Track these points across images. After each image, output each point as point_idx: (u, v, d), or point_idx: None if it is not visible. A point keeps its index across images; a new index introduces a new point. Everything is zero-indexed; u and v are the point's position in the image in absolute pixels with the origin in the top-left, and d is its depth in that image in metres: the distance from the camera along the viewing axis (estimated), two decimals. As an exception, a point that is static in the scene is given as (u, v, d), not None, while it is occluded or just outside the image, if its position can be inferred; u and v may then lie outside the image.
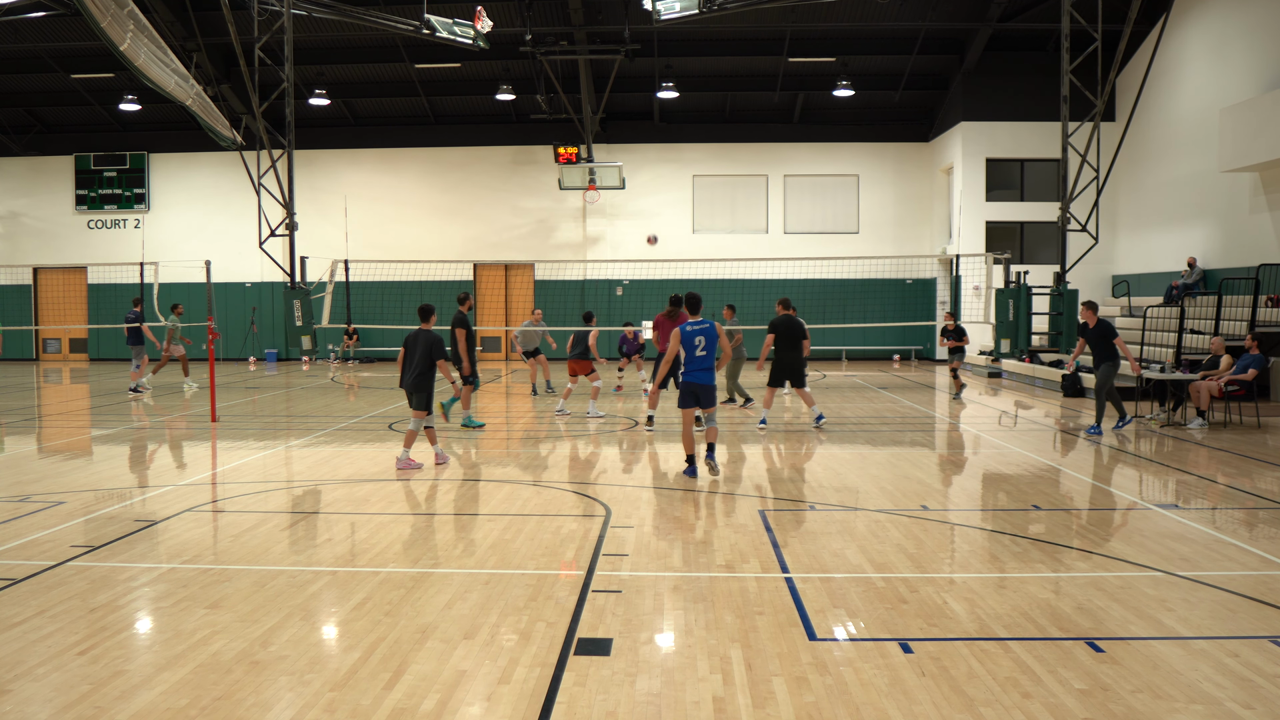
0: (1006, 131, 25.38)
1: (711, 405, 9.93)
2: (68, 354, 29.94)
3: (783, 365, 13.52)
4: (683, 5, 19.03)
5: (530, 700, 4.52)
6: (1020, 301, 18.22)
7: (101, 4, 13.70)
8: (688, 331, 9.84)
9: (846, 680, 4.72)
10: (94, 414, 16.23)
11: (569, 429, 13.95)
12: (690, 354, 9.82)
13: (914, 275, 27.61)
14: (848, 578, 6.41)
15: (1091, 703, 4.45)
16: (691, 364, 9.83)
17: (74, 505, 8.73)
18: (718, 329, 9.94)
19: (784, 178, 28.04)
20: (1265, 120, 17.50)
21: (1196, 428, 13.60)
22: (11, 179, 29.45)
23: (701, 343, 9.82)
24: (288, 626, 5.50)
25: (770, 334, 13.50)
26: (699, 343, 9.81)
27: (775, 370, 13.58)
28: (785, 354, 13.49)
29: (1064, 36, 18.09)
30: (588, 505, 8.74)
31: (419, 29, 20.27)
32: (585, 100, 25.30)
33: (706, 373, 9.86)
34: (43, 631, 5.43)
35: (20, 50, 24.92)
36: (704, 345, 9.82)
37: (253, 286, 28.61)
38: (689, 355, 9.83)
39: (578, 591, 6.14)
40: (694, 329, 9.84)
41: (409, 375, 10.52)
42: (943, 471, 10.70)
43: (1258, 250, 18.64)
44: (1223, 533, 7.65)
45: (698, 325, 9.88)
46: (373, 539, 7.53)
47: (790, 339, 13.42)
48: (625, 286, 27.78)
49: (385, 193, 28.47)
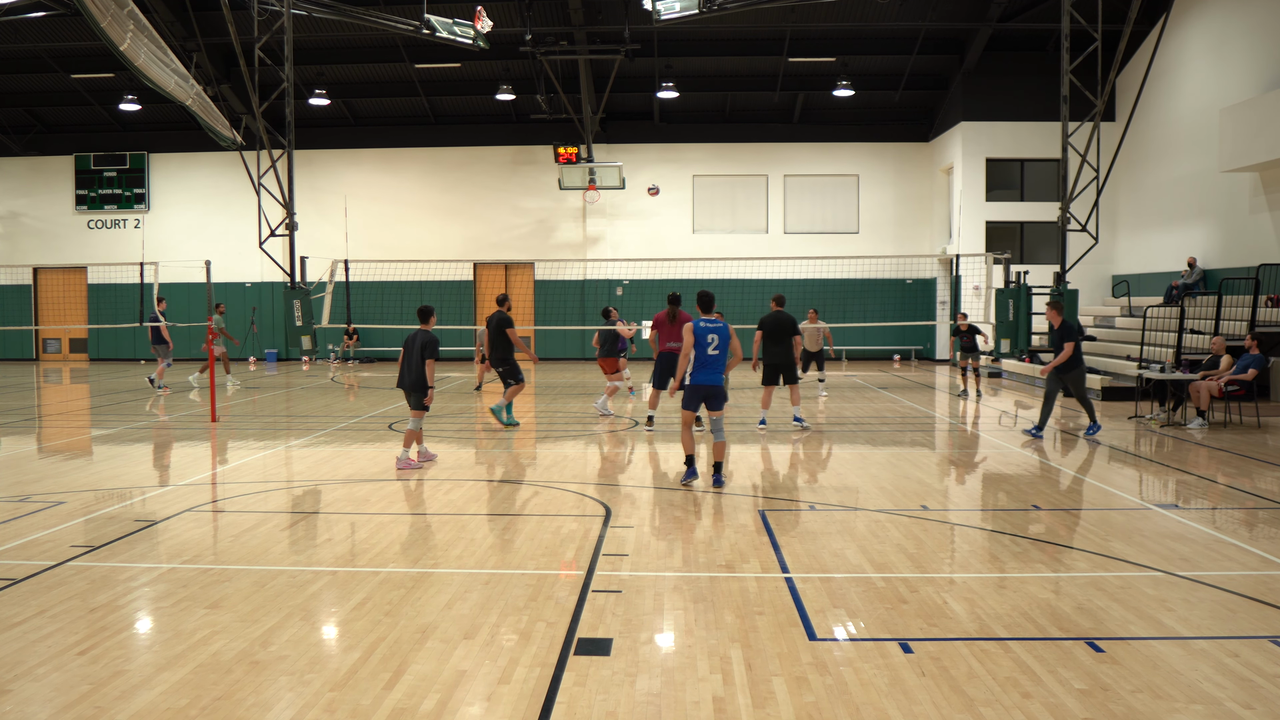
0: (1006, 131, 25.39)
1: (719, 409, 9.44)
2: (68, 354, 29.95)
3: (772, 363, 13.43)
4: (683, 5, 19.03)
5: (530, 700, 4.52)
6: (1020, 301, 18.23)
7: (101, 4, 13.70)
8: (701, 328, 9.31)
9: (846, 680, 4.72)
10: (94, 414, 16.23)
11: (569, 429, 13.95)
12: (702, 352, 9.35)
13: (914, 275, 27.62)
14: (848, 578, 6.41)
15: (1091, 703, 4.45)
16: (702, 363, 9.32)
17: (74, 505, 8.73)
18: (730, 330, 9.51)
19: (784, 178, 28.05)
20: (1265, 120, 17.50)
21: (1196, 428, 13.60)
22: (11, 179, 29.45)
23: (715, 340, 9.28)
24: (288, 626, 5.50)
25: (758, 331, 13.46)
26: (712, 340, 9.28)
27: (767, 369, 13.53)
28: (773, 350, 13.33)
29: (1064, 36, 18.09)
30: (588, 505, 8.74)
31: (419, 29, 20.28)
32: (585, 100, 25.30)
33: (717, 373, 9.35)
34: (43, 631, 5.42)
35: (20, 50, 24.93)
36: (717, 344, 9.29)
37: (253, 286, 28.62)
38: (700, 354, 9.36)
39: (578, 591, 6.13)
40: (708, 326, 9.37)
41: (408, 375, 10.52)
42: (943, 471, 10.69)
43: (1258, 250, 18.64)
44: (1223, 533, 7.65)
45: (711, 323, 9.40)
46: (373, 539, 7.53)
47: (777, 336, 13.29)
48: (625, 286, 27.78)
49: (385, 193, 28.47)
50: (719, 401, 9.42)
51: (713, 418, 9.53)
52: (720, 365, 9.38)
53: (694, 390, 9.40)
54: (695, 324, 9.35)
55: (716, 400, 9.41)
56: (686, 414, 9.60)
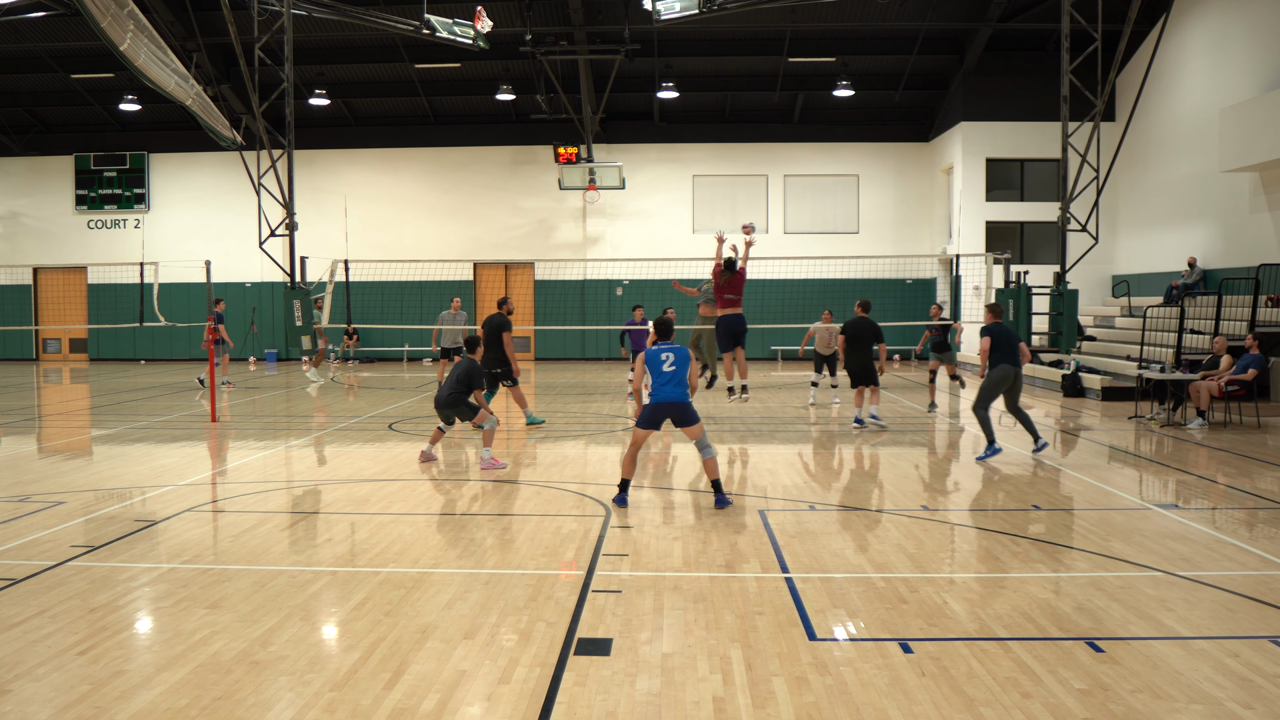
0: (1006, 131, 25.38)
1: (693, 424, 8.54)
2: (68, 354, 29.94)
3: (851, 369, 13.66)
4: (683, 5, 19.03)
5: (530, 700, 4.52)
6: (1020, 302, 18.22)
7: (101, 4, 13.70)
8: (653, 352, 8.72)
9: (846, 680, 4.72)
10: (94, 414, 16.23)
11: (569, 429, 13.95)
12: (658, 372, 8.64)
13: (914, 275, 27.61)
14: (848, 578, 6.41)
15: (1091, 703, 4.45)
16: (661, 382, 8.61)
17: (74, 505, 8.73)
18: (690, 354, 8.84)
19: (784, 178, 28.04)
20: (1265, 120, 17.50)
21: (1196, 428, 13.60)
22: (11, 179, 29.44)
23: (670, 358, 8.64)
24: (288, 626, 5.50)
25: (840, 335, 13.89)
26: (666, 358, 8.63)
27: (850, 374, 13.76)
28: (852, 357, 13.59)
29: (1064, 36, 18.09)
30: (588, 505, 8.74)
31: (419, 29, 20.27)
32: (585, 100, 25.30)
33: (680, 388, 8.59)
34: (43, 631, 5.42)
35: (20, 50, 24.92)
36: (672, 361, 8.63)
37: (253, 286, 28.61)
38: (656, 375, 8.65)
39: (578, 591, 6.13)
40: (660, 348, 8.75)
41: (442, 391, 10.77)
42: (943, 471, 10.70)
43: (1258, 250, 18.64)
44: (1223, 533, 7.65)
45: (667, 346, 8.77)
46: (373, 539, 7.53)
47: (857, 342, 13.51)
48: (625, 286, 27.78)
49: (385, 193, 28.47)
50: (689, 419, 8.55)
51: (693, 438, 8.68)
52: (680, 380, 8.64)
53: (654, 409, 8.60)
54: (647, 352, 8.74)
55: (685, 417, 8.54)
56: (639, 433, 8.74)
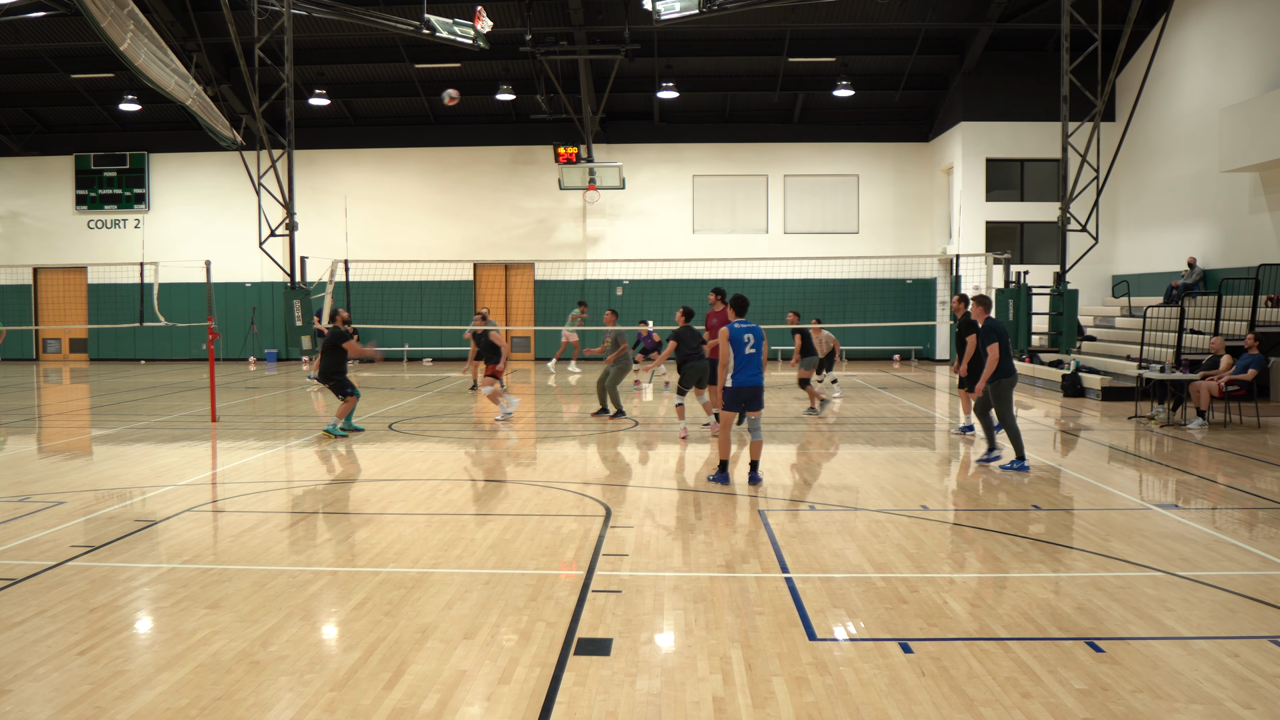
0: (1006, 131, 25.38)
1: (759, 409, 9.46)
2: (68, 354, 29.93)
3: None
4: (683, 5, 19.03)
5: (530, 700, 4.52)
6: (1020, 302, 18.21)
7: (101, 4, 13.70)
8: (737, 330, 9.29)
9: (846, 680, 4.72)
10: (94, 414, 16.22)
11: (569, 429, 13.94)
12: (739, 353, 9.28)
13: (914, 275, 27.61)
14: (848, 578, 6.41)
15: (1091, 703, 4.45)
16: (742, 364, 9.28)
17: (74, 505, 8.73)
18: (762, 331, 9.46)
19: (784, 178, 28.04)
20: (1265, 120, 17.50)
21: (1196, 428, 13.60)
22: (11, 179, 29.44)
23: (751, 340, 9.29)
24: (288, 626, 5.50)
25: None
26: (748, 340, 9.29)
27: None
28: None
29: (1064, 36, 18.08)
30: (588, 505, 8.74)
31: (419, 29, 20.27)
32: (585, 100, 25.30)
33: (757, 373, 9.34)
34: (43, 631, 5.42)
35: (20, 50, 24.91)
36: (753, 343, 9.31)
37: (253, 286, 28.61)
38: (738, 355, 9.29)
39: (578, 591, 6.13)
40: (742, 328, 9.37)
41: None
42: (943, 471, 10.69)
43: (1258, 250, 18.64)
44: (1223, 533, 7.65)
45: (745, 325, 9.40)
46: (373, 539, 7.53)
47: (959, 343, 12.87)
48: (625, 286, 27.78)
49: (385, 193, 28.46)
50: (759, 402, 9.43)
51: (751, 418, 9.62)
52: (758, 362, 9.36)
53: (735, 393, 9.38)
54: (730, 327, 9.33)
55: (757, 400, 9.41)
56: (727, 415, 9.61)
